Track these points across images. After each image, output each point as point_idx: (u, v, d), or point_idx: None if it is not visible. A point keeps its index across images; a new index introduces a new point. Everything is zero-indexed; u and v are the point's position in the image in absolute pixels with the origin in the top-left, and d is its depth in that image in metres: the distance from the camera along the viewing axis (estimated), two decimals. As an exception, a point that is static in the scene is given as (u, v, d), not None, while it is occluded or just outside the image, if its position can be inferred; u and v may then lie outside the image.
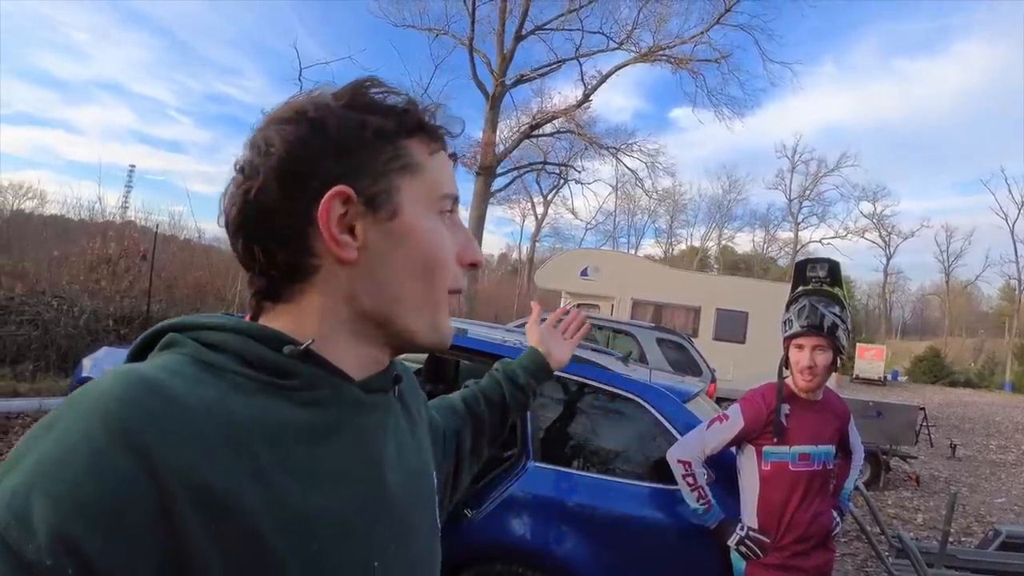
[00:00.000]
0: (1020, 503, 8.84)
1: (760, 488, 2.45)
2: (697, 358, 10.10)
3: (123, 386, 0.53)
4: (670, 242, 64.98)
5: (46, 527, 0.45)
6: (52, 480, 0.47)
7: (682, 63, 22.10)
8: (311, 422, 0.63)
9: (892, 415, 8.68)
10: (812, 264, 2.59)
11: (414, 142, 0.72)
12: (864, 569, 5.36)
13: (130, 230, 12.83)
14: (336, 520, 0.61)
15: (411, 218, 0.70)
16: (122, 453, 0.48)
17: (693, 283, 17.14)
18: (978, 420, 19.93)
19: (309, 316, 0.68)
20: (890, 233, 59.53)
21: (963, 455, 12.29)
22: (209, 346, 0.63)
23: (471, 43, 21.61)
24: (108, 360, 4.85)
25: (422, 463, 0.82)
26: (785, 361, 2.51)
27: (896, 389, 33.07)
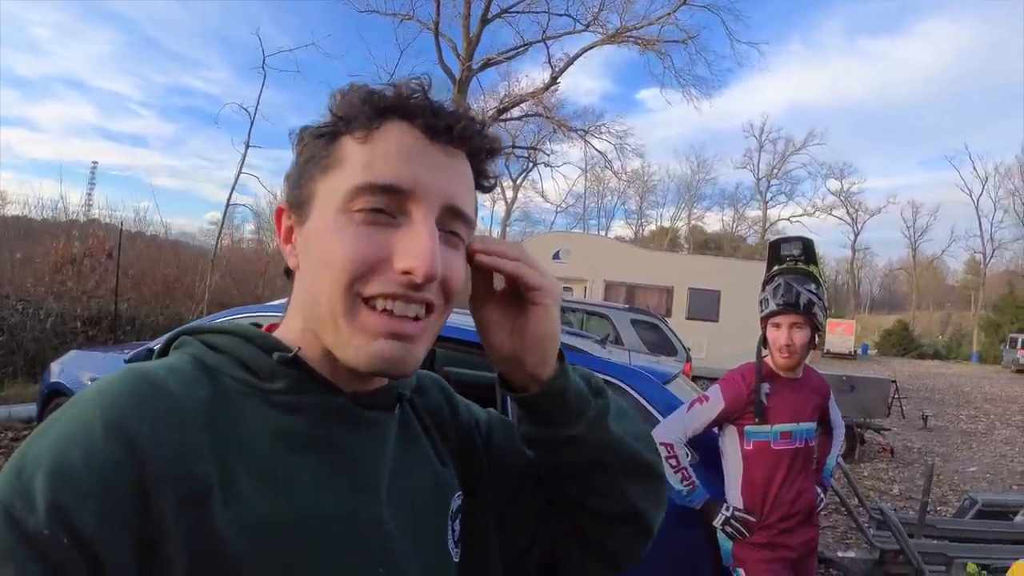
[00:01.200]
0: (992, 471, 9.04)
1: (743, 467, 2.46)
2: (671, 338, 10.17)
3: (122, 381, 0.58)
4: (640, 223, 65.53)
5: (44, 500, 0.49)
6: (53, 462, 0.51)
7: (649, 44, 22.05)
8: (292, 429, 0.64)
9: (865, 389, 8.81)
10: (786, 243, 2.58)
11: (346, 136, 0.66)
12: (844, 541, 5.44)
13: (94, 228, 12.63)
14: (312, 530, 0.60)
15: (317, 220, 0.66)
16: (113, 440, 0.53)
17: (665, 263, 17.27)
18: (948, 391, 20.36)
19: (290, 322, 0.71)
20: (857, 210, 60.39)
21: (935, 426, 12.53)
22: (212, 348, 0.67)
23: (437, 27, 21.36)
24: (78, 364, 4.75)
25: (433, 486, 0.76)
26: (763, 341, 2.50)
27: (866, 363, 33.65)
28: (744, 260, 20.99)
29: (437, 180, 0.65)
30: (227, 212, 14.38)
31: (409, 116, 0.66)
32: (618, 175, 29.93)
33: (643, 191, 60.74)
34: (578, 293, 15.96)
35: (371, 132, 0.65)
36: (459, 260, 0.69)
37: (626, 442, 0.79)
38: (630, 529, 0.83)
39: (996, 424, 13.76)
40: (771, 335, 2.46)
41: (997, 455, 10.26)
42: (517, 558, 0.84)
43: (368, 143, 0.65)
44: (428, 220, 0.64)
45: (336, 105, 0.67)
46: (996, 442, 11.50)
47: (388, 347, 0.63)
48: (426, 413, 0.82)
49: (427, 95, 0.67)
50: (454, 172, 0.68)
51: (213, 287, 12.50)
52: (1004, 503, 4.83)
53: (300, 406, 0.65)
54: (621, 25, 21.93)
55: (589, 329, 9.16)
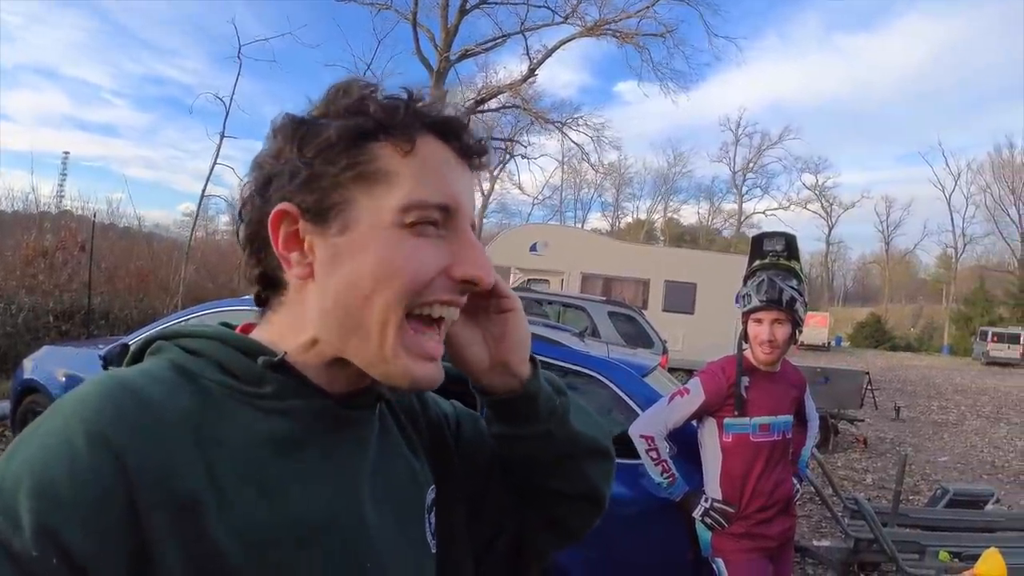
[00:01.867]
0: (963, 461, 9.22)
1: (722, 459, 2.48)
2: (648, 330, 10.20)
3: (103, 391, 0.56)
4: (616, 215, 65.75)
5: (30, 521, 0.48)
6: (36, 479, 0.50)
7: (627, 37, 22.06)
8: (279, 433, 0.63)
9: (838, 380, 8.94)
10: (769, 238, 2.59)
11: (382, 145, 0.64)
12: (819, 530, 5.51)
13: (67, 220, 12.43)
14: (303, 533, 0.61)
15: (363, 232, 0.63)
16: (98, 454, 0.51)
17: (641, 256, 17.32)
18: (919, 383, 20.69)
19: (283, 330, 0.68)
20: (831, 204, 61.07)
21: (907, 417, 12.72)
22: (191, 352, 0.65)
23: (415, 17, 21.22)
24: (51, 360, 4.67)
25: (411, 480, 0.78)
26: (744, 335, 2.52)
27: (840, 354, 34.08)
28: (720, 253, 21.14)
29: (467, 199, 0.68)
30: (202, 203, 14.24)
31: (443, 135, 0.67)
32: (595, 167, 29.97)
33: (620, 183, 60.94)
34: (555, 285, 15.95)
35: (413, 143, 0.64)
36: None
37: (587, 433, 0.86)
38: (588, 505, 0.89)
39: (967, 415, 14.02)
40: (752, 330, 2.47)
41: (968, 445, 10.46)
42: (485, 547, 0.88)
43: (411, 156, 0.64)
44: (472, 233, 0.69)
45: (349, 104, 0.65)
46: (967, 433, 11.71)
47: (428, 370, 0.66)
48: (400, 409, 0.83)
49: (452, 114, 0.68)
50: (473, 191, 0.72)
51: (187, 280, 12.37)
52: (975, 493, 4.93)
53: (285, 410, 0.64)
54: (600, 18, 21.93)
55: (566, 321, 9.17)
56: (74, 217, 13.07)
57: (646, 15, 21.77)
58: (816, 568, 4.58)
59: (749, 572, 2.41)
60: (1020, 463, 9.31)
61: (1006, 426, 12.77)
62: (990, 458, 9.56)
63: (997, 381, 23.23)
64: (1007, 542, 3.86)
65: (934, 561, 3.73)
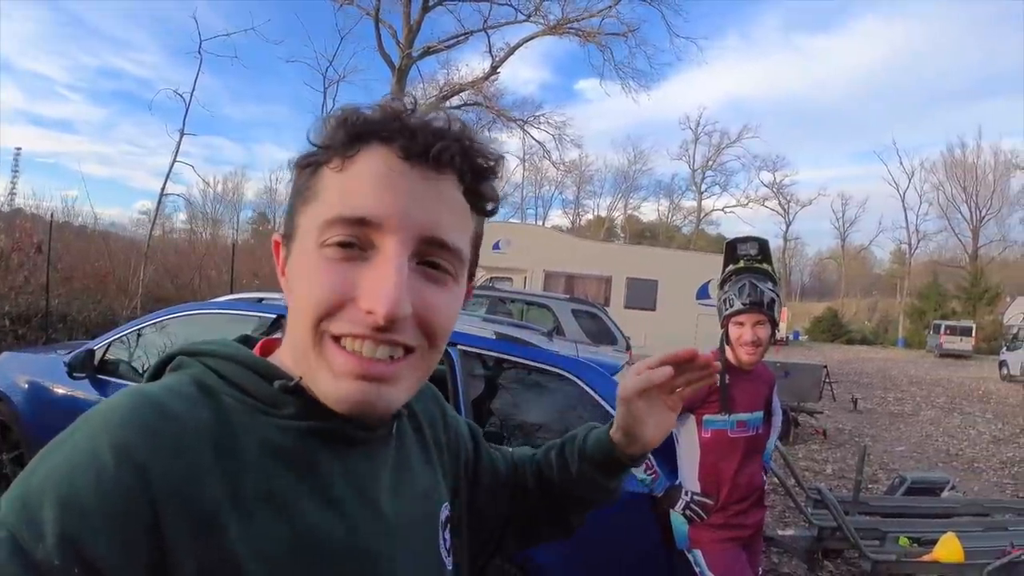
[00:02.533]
0: (919, 450, 9.47)
1: (700, 455, 2.53)
2: (611, 327, 10.26)
3: (129, 404, 0.57)
4: (577, 212, 66.10)
5: (54, 530, 0.48)
6: (61, 489, 0.50)
7: (590, 36, 22.16)
8: (297, 452, 0.63)
9: (798, 374, 9.12)
10: (743, 242, 2.64)
11: (325, 167, 0.63)
12: (783, 520, 5.62)
13: (21, 220, 12.04)
14: (319, 548, 0.61)
15: (296, 254, 0.65)
16: (123, 467, 0.52)
17: (604, 253, 17.42)
18: (875, 375, 21.13)
19: (286, 349, 0.70)
20: (789, 201, 61.77)
21: (864, 408, 12.98)
22: (213, 371, 0.65)
23: (377, 14, 21.07)
24: (11, 367, 4.49)
25: (426, 498, 0.78)
26: (726, 337, 2.57)
27: (798, 348, 34.56)
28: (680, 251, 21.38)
29: (412, 209, 0.61)
30: (161, 201, 14.01)
31: (386, 140, 0.62)
32: (556, 165, 30.12)
33: (581, 181, 61.17)
34: (518, 283, 15.98)
35: (346, 160, 0.62)
36: (443, 295, 0.65)
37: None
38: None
39: (922, 406, 14.37)
40: (735, 332, 2.52)
41: (923, 435, 10.73)
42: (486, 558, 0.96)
43: (343, 172, 0.62)
44: (398, 254, 0.60)
45: (320, 133, 0.64)
46: (922, 422, 12.02)
47: (356, 388, 0.61)
48: (425, 419, 0.84)
49: (407, 116, 0.63)
50: (434, 198, 0.63)
51: (147, 281, 12.14)
52: (931, 480, 5.09)
53: (302, 430, 0.64)
54: (562, 16, 22.00)
55: (530, 319, 9.19)
56: (28, 216, 12.70)
57: (608, 14, 21.91)
58: (782, 556, 4.69)
59: (726, 560, 2.48)
60: (973, 451, 9.62)
61: (960, 416, 13.15)
62: (945, 447, 9.84)
63: (950, 372, 23.87)
64: (963, 527, 4.00)
65: (895, 547, 3.84)
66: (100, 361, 4.01)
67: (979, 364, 29.10)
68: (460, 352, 3.11)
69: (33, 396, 4.18)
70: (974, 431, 11.36)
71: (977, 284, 42.83)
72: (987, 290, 42.41)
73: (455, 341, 3.13)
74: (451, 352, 3.08)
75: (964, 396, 16.80)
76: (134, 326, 4.20)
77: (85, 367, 3.85)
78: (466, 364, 3.13)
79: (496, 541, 0.96)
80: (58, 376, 4.00)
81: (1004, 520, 4.47)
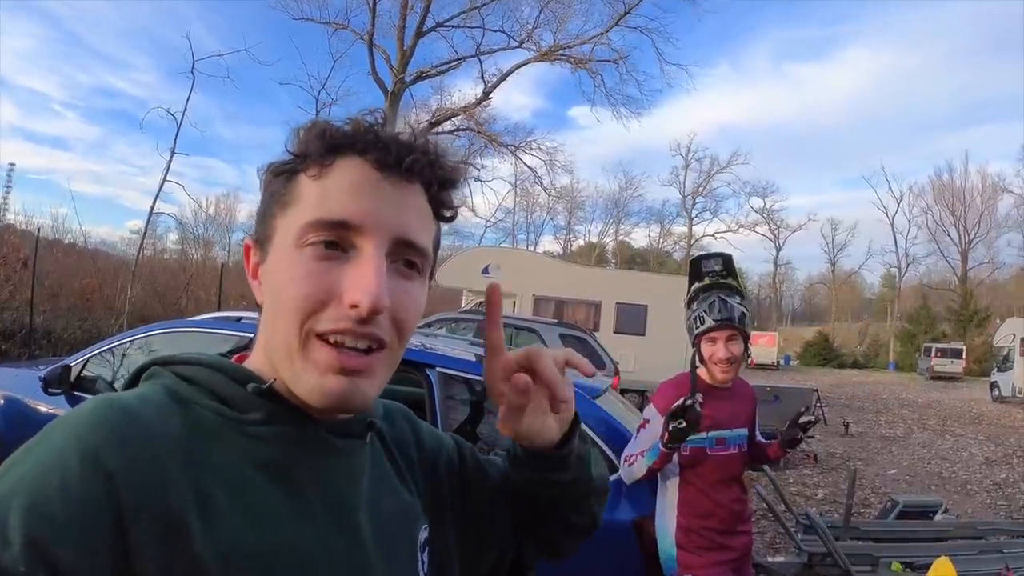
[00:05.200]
0: (911, 473, 9.42)
1: (680, 472, 2.48)
2: (600, 352, 10.29)
3: (98, 411, 0.57)
4: (568, 238, 66.32)
5: (20, 537, 0.48)
6: (28, 495, 0.50)
7: (581, 63, 22.44)
8: (269, 459, 0.64)
9: (789, 399, 9.10)
10: (706, 259, 2.62)
11: (302, 174, 0.67)
12: (773, 546, 5.56)
13: (9, 235, 11.99)
14: (291, 560, 0.60)
15: (274, 256, 0.67)
16: (90, 473, 0.52)
17: (593, 278, 17.45)
18: (867, 399, 21.16)
19: (258, 355, 0.71)
20: (779, 227, 62.25)
21: (856, 432, 12.97)
22: (185, 379, 0.66)
23: (371, 38, 21.25)
24: (-6, 381, 4.43)
25: (404, 515, 0.77)
26: (698, 356, 2.52)
27: (789, 373, 34.71)
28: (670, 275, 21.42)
29: (387, 213, 0.66)
30: (150, 221, 13.94)
31: (361, 151, 0.66)
32: (547, 191, 30.24)
33: (572, 207, 61.34)
34: (507, 308, 15.95)
35: (324, 168, 0.65)
36: (413, 291, 0.69)
37: (600, 475, 0.93)
38: (585, 533, 0.96)
39: (913, 428, 14.36)
40: (707, 350, 2.47)
41: (915, 458, 10.70)
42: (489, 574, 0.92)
43: (321, 179, 0.65)
44: (377, 253, 0.64)
45: (295, 143, 0.68)
46: (914, 445, 11.99)
47: (337, 383, 0.63)
48: (393, 443, 0.83)
49: (379, 130, 0.67)
50: (404, 204, 0.68)
51: (134, 299, 12.06)
52: (924, 504, 5.03)
53: (275, 437, 0.65)
54: (554, 43, 22.30)
55: (519, 344, 9.13)
56: (17, 232, 12.63)
57: (600, 42, 22.24)
58: (772, 583, 4.61)
59: None
60: (966, 473, 9.58)
61: (951, 438, 13.13)
62: (937, 469, 9.79)
63: (941, 395, 23.95)
64: (957, 550, 3.93)
65: (887, 572, 3.77)
66: (77, 377, 3.94)
67: (970, 386, 29.25)
68: (439, 374, 3.06)
69: (9, 411, 4.10)
70: (966, 453, 11.33)
71: (967, 306, 43.24)
72: (977, 312, 42.81)
73: (433, 363, 3.08)
74: (430, 375, 3.02)
75: (956, 418, 16.81)
76: (112, 343, 4.15)
77: (61, 383, 3.78)
78: (445, 387, 3.07)
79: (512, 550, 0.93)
80: (34, 391, 3.93)
81: (998, 543, 4.40)
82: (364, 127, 0.67)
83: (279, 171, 0.68)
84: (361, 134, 0.67)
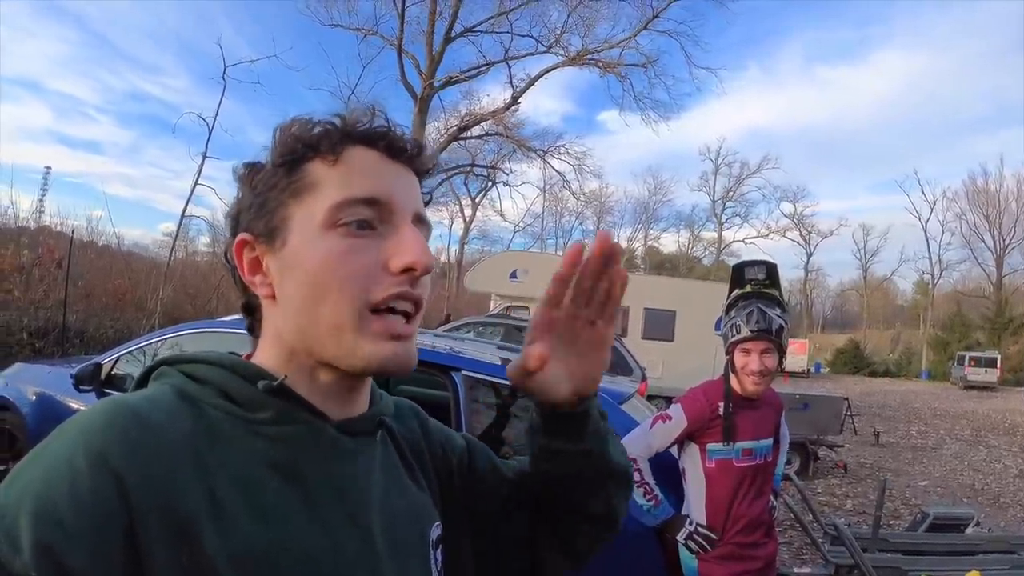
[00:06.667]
0: (943, 485, 9.23)
1: (706, 485, 2.45)
2: (627, 357, 10.22)
3: (106, 414, 0.57)
4: (597, 243, 65.50)
5: (30, 541, 0.48)
6: (37, 500, 0.50)
7: (610, 67, 22.41)
8: (280, 459, 0.65)
9: (818, 406, 8.93)
10: (750, 266, 2.56)
11: (314, 162, 0.70)
12: (800, 557, 5.49)
13: (45, 236, 12.24)
14: (301, 560, 0.61)
15: (299, 241, 0.68)
16: (99, 476, 0.52)
17: (620, 284, 17.35)
18: (898, 408, 20.78)
19: (266, 351, 0.72)
20: (810, 232, 61.71)
21: (886, 441, 12.74)
22: (194, 379, 0.67)
23: (400, 44, 21.40)
24: (22, 378, 4.56)
25: (415, 514, 0.78)
26: (731, 364, 2.48)
27: (820, 380, 34.21)
28: (699, 281, 21.26)
29: (404, 192, 0.71)
30: (182, 223, 14.15)
31: (369, 141, 0.71)
32: (576, 195, 30.20)
33: (600, 212, 60.98)
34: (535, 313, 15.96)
35: (339, 155, 0.69)
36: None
37: (619, 459, 0.89)
38: (605, 526, 0.91)
39: (946, 439, 14.08)
40: (740, 360, 2.42)
41: (947, 469, 10.49)
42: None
43: (338, 164, 0.68)
44: (410, 223, 0.70)
45: (286, 137, 0.70)
46: (946, 456, 11.75)
47: (393, 348, 0.67)
48: (403, 440, 0.83)
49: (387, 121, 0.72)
50: (412, 186, 0.74)
51: (166, 300, 12.23)
52: (955, 516, 4.91)
53: (286, 435, 0.66)
54: (582, 48, 22.29)
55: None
56: (53, 233, 12.90)
57: (628, 46, 22.18)
58: (798, 594, 4.55)
59: None
60: (1000, 485, 9.36)
61: (985, 449, 12.85)
62: (970, 481, 9.59)
63: (975, 405, 23.44)
64: (988, 565, 3.86)
65: (915, 585, 3.71)
66: (108, 375, 4.01)
67: (1005, 396, 28.61)
68: (464, 378, 3.06)
69: (40, 407, 4.21)
70: (1000, 465, 11.08)
71: (1002, 314, 42.30)
72: (1012, 320, 41.83)
73: (459, 366, 3.08)
74: (455, 378, 3.03)
75: (990, 429, 16.44)
76: (143, 342, 4.21)
77: (92, 380, 3.84)
78: (470, 390, 3.07)
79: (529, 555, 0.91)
80: (65, 388, 4.00)
81: (1031, 558, 4.31)
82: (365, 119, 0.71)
83: (282, 162, 0.70)
84: (368, 125, 0.71)
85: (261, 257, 0.71)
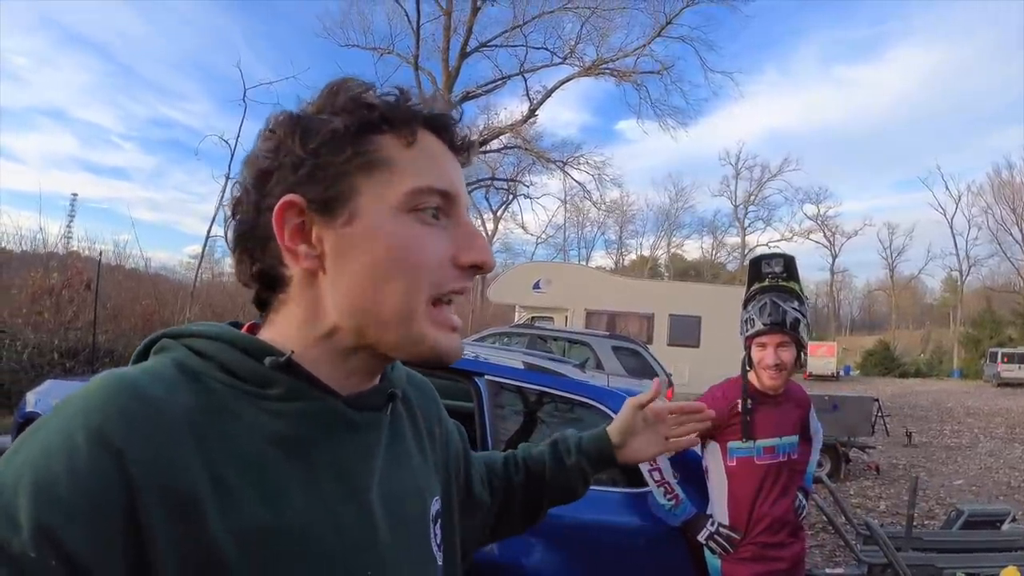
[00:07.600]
0: (977, 483, 9.06)
1: (728, 484, 2.43)
2: (653, 363, 10.20)
3: (105, 388, 0.56)
4: (620, 252, 66.10)
5: (29, 520, 0.48)
6: (35, 478, 0.49)
7: (625, 76, 22.49)
8: (285, 434, 0.63)
9: (848, 408, 8.82)
10: (767, 260, 2.55)
11: (385, 136, 0.67)
12: (833, 559, 5.41)
13: (74, 260, 12.40)
14: (303, 537, 0.60)
15: (370, 220, 0.65)
16: (97, 452, 0.51)
17: (645, 291, 17.39)
18: (930, 407, 20.43)
19: (290, 327, 0.68)
20: (834, 233, 61.50)
21: (919, 442, 12.53)
22: (197, 353, 0.64)
23: (416, 61, 21.69)
24: (54, 393, 4.68)
25: (418, 488, 0.78)
26: (748, 360, 2.47)
27: (849, 383, 33.78)
28: (724, 286, 21.18)
29: (463, 187, 0.72)
30: (207, 245, 14.33)
31: (438, 129, 0.71)
32: (597, 205, 30.40)
33: (622, 221, 61.11)
34: (559, 322, 15.98)
35: (416, 137, 0.68)
36: None
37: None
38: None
39: (980, 437, 13.82)
40: (756, 355, 2.41)
41: (982, 467, 10.30)
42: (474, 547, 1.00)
43: (413, 147, 0.68)
44: (471, 220, 0.72)
45: (349, 101, 0.67)
46: (980, 455, 11.54)
47: (452, 340, 0.70)
48: (419, 408, 0.85)
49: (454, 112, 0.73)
50: (463, 180, 0.74)
51: (192, 320, 12.36)
52: (990, 512, 4.84)
53: (292, 411, 0.64)
54: (597, 57, 22.41)
55: (571, 355, 9.20)
56: (81, 257, 13.06)
57: (643, 54, 22.27)
58: (831, 596, 4.49)
59: None
60: (1036, 483, 9.16)
61: (1021, 446, 12.58)
62: (1006, 479, 9.41)
63: (1010, 402, 22.98)
64: (1025, 562, 3.78)
65: (951, 584, 3.65)
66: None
67: (1040, 393, 28.00)
68: (487, 382, 3.07)
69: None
70: (1037, 462, 10.84)
71: (1033, 308, 41.45)
72: (1045, 314, 40.99)
73: (482, 371, 3.09)
74: (479, 383, 3.04)
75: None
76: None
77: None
78: (495, 395, 3.08)
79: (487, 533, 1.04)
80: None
81: (1070, 554, 4.22)
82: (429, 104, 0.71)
83: (351, 128, 0.66)
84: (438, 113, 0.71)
85: (310, 225, 0.66)
